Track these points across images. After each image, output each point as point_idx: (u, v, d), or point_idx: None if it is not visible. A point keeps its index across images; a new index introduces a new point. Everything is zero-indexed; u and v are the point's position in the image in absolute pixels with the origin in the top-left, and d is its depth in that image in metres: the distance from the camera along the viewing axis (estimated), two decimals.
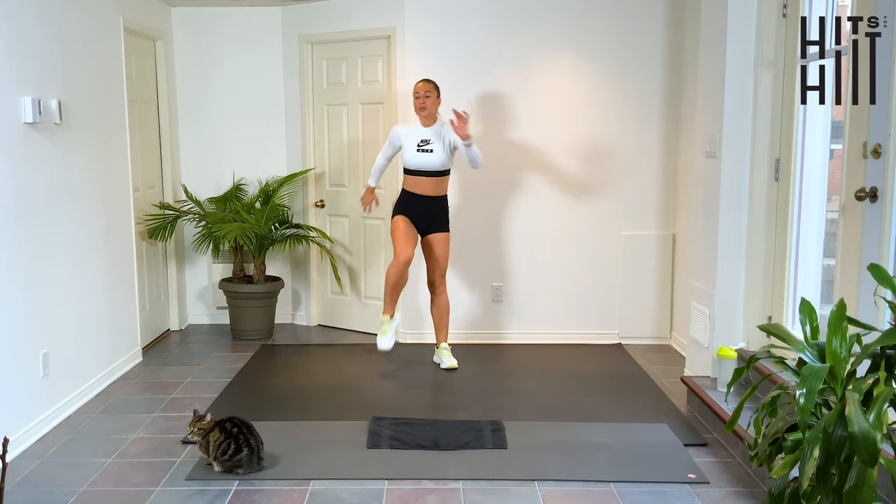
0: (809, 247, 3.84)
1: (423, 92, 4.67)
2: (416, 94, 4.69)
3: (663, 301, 5.46)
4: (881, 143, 2.94)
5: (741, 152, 4.00)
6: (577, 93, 5.31)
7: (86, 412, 4.14)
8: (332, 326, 5.97)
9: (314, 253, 5.90)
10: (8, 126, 3.62)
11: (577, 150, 5.35)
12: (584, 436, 3.76)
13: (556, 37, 5.26)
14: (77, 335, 4.25)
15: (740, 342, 4.11)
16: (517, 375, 4.81)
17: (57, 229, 4.04)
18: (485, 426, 3.85)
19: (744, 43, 3.93)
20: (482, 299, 5.50)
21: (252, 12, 5.79)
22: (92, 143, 4.44)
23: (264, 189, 5.72)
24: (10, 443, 2.82)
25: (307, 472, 3.36)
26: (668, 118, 5.31)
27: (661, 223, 5.43)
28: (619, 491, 3.21)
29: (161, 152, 5.70)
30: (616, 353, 5.25)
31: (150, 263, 5.51)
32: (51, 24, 4.02)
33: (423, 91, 4.68)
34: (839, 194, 3.22)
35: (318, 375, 4.80)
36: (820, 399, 2.18)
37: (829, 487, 2.03)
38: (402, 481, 3.30)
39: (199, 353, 5.31)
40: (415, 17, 5.25)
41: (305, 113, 5.79)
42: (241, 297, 5.61)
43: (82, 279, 4.32)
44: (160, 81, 5.63)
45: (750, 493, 3.18)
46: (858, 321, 2.31)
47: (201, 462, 3.44)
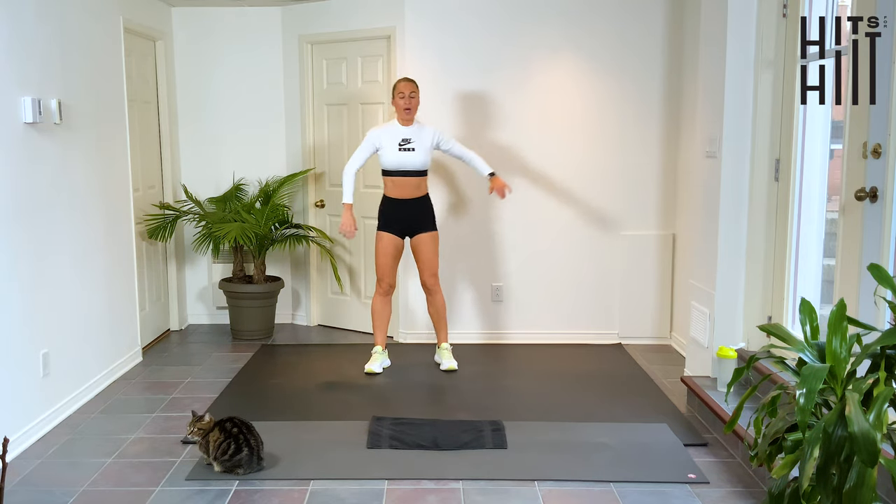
0: (809, 247, 3.84)
1: (409, 92, 4.64)
2: (401, 94, 4.64)
3: (663, 301, 5.46)
4: (881, 143, 2.94)
5: (741, 152, 4.00)
6: (578, 93, 5.31)
7: (86, 412, 4.14)
8: (332, 326, 5.97)
9: (314, 253, 5.90)
10: (8, 126, 3.62)
11: (577, 150, 5.35)
12: (584, 436, 3.76)
13: (557, 37, 5.26)
14: (77, 335, 4.25)
15: (740, 342, 4.11)
16: (517, 375, 4.81)
17: (57, 229, 4.04)
18: (485, 426, 3.85)
19: (744, 43, 3.92)
20: (482, 299, 5.50)
21: (252, 12, 5.79)
22: (92, 143, 4.44)
23: (264, 189, 5.72)
24: (10, 443, 2.82)
25: (307, 472, 3.36)
26: (668, 118, 5.31)
27: (661, 223, 5.43)
28: (619, 491, 3.21)
29: (161, 152, 5.70)
30: (616, 353, 5.25)
31: (150, 263, 5.51)
32: (51, 24, 4.02)
33: (409, 91, 4.64)
34: (839, 194, 3.22)
35: (318, 375, 4.80)
36: (820, 399, 2.18)
37: (829, 487, 2.03)
38: (402, 481, 3.30)
39: (199, 353, 5.31)
40: (415, 17, 5.25)
41: (305, 113, 5.79)
42: (241, 297, 5.61)
43: (82, 279, 4.32)
44: (160, 81, 5.63)
45: (750, 493, 3.18)
46: (858, 321, 2.31)
47: (201, 462, 3.44)
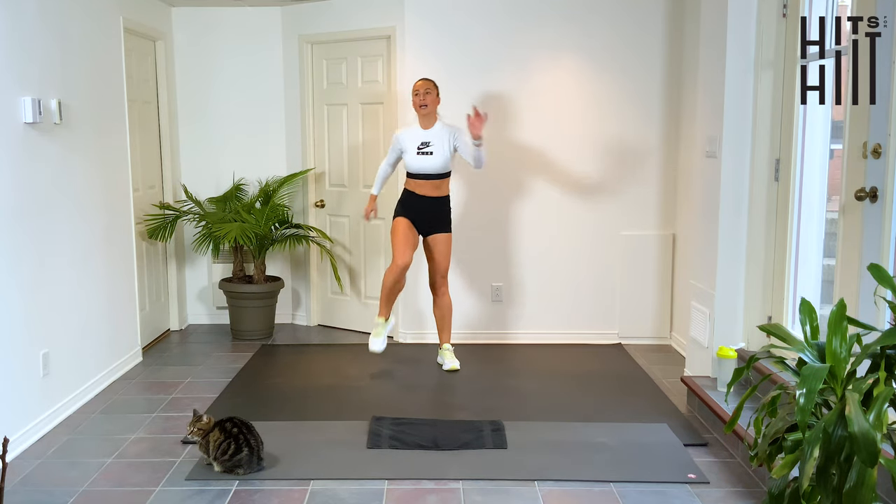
0: (809, 247, 3.84)
1: (423, 90, 4.66)
2: (416, 92, 4.67)
3: (663, 301, 5.46)
4: (881, 143, 2.94)
5: (741, 152, 4.00)
6: (578, 93, 5.31)
7: (86, 412, 4.14)
8: (332, 326, 5.97)
9: (314, 253, 5.90)
10: (8, 126, 3.62)
11: (577, 150, 5.35)
12: (584, 436, 3.76)
13: (557, 37, 5.25)
14: (77, 335, 4.25)
15: (740, 342, 4.11)
16: (517, 375, 4.81)
17: (57, 229, 4.04)
18: (485, 426, 3.85)
19: (744, 43, 3.92)
20: (482, 299, 5.50)
21: (252, 12, 5.79)
22: (92, 143, 4.44)
23: (264, 189, 5.72)
24: (10, 443, 2.82)
25: (307, 472, 3.36)
26: (668, 118, 5.31)
27: (661, 223, 5.43)
28: (619, 491, 3.21)
29: (161, 152, 5.70)
30: (616, 353, 5.25)
31: (150, 263, 5.51)
32: (51, 24, 4.02)
33: (423, 89, 4.66)
34: (839, 194, 3.22)
35: (318, 375, 4.80)
36: (820, 399, 2.18)
37: (829, 487, 2.03)
38: (402, 481, 3.30)
39: (199, 353, 5.31)
40: (414, 17, 5.25)
41: (305, 113, 5.79)
42: (241, 297, 5.61)
43: (82, 279, 4.32)
44: (160, 81, 5.63)
45: (750, 493, 3.18)
46: (858, 321, 2.31)
47: (201, 462, 3.44)
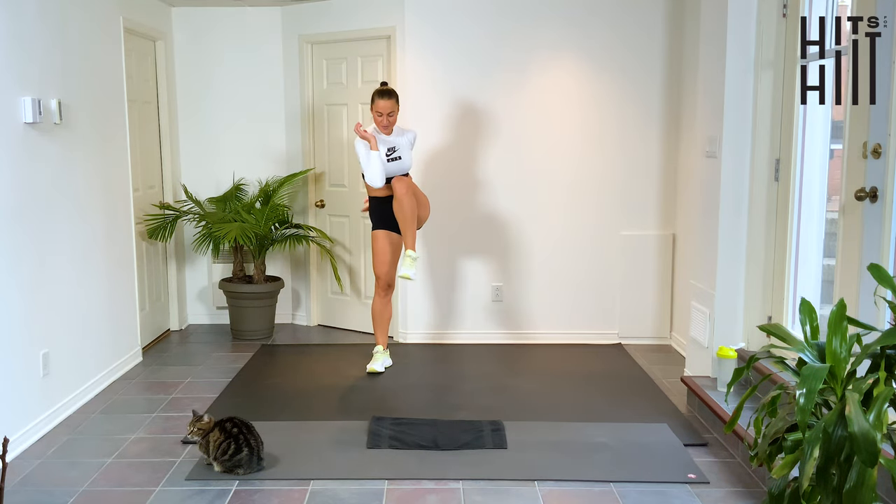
0: (809, 247, 3.84)
1: (387, 111, 4.54)
2: (379, 113, 4.54)
3: (663, 301, 5.46)
4: (881, 143, 2.94)
5: (741, 152, 4.00)
6: (577, 93, 5.31)
7: (86, 412, 4.14)
8: (332, 326, 5.97)
9: (314, 253, 5.90)
10: (8, 126, 3.62)
11: (577, 150, 5.35)
12: (584, 436, 3.76)
13: (556, 37, 5.25)
14: (77, 335, 4.25)
15: (740, 342, 4.11)
16: (517, 375, 4.81)
17: (57, 229, 4.04)
18: (485, 426, 3.85)
19: (744, 43, 3.93)
20: (482, 299, 5.50)
21: (252, 12, 5.79)
22: (92, 143, 4.44)
23: (264, 189, 5.72)
24: (10, 443, 2.82)
25: (307, 472, 3.36)
26: (668, 118, 5.31)
27: (661, 223, 5.43)
28: (619, 491, 3.21)
29: (161, 152, 5.70)
30: (616, 353, 5.24)
31: (150, 263, 5.51)
32: (51, 24, 4.02)
33: (387, 111, 4.54)
34: (839, 194, 3.22)
35: (318, 375, 4.79)
36: (820, 399, 2.18)
37: (829, 487, 2.03)
38: (402, 481, 3.30)
39: (199, 353, 5.31)
40: (414, 17, 5.25)
41: (305, 113, 5.79)
42: (241, 297, 5.61)
43: (82, 279, 4.32)
44: (160, 81, 5.63)
45: (750, 493, 3.18)
46: (858, 321, 2.31)
47: (201, 462, 3.44)
